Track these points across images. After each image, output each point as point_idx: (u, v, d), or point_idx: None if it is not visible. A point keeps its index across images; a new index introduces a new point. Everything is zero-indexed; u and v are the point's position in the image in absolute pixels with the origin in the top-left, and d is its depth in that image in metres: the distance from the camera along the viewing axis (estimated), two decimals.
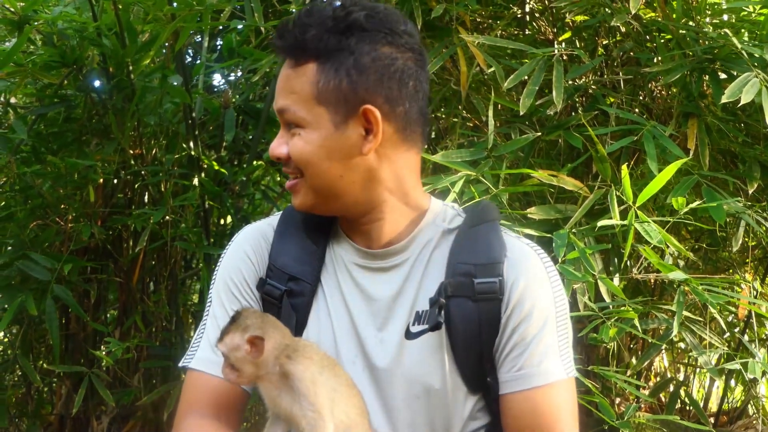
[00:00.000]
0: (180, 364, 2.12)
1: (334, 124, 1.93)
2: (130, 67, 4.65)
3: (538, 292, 2.02)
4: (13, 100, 5.44)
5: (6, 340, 5.82)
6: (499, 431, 2.05)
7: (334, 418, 1.82)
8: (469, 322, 1.96)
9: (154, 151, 5.28)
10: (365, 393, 1.99)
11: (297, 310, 2.04)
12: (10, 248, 4.82)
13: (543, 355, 1.98)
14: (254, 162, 5.33)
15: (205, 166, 5.00)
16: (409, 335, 1.99)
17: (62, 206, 5.03)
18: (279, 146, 1.98)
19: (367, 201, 2.01)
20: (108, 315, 5.55)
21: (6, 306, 4.40)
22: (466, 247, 2.02)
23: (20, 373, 5.31)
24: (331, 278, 2.08)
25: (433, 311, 1.94)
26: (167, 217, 4.78)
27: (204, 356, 2.06)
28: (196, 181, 4.85)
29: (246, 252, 2.14)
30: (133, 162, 5.06)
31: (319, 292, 2.07)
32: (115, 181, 5.22)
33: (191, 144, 4.93)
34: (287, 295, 2.04)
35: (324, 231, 2.13)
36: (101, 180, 5.04)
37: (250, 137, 5.40)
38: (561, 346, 2.02)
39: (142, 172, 5.07)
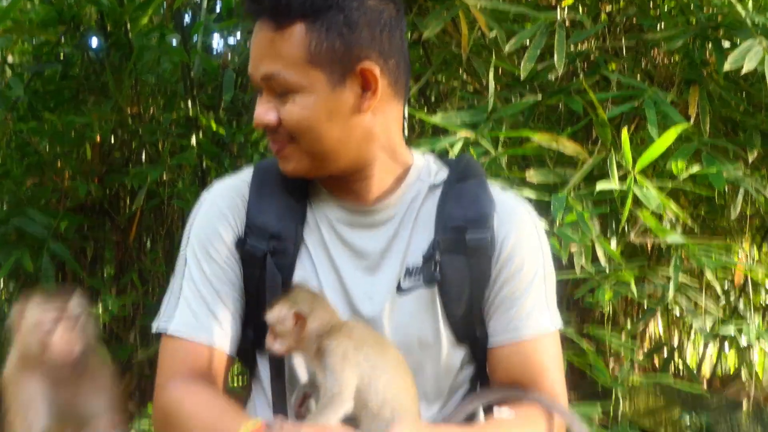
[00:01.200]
0: (155, 329, 1.99)
1: (330, 86, 1.84)
2: (128, 26, 4.62)
3: (528, 246, 2.01)
4: (9, 59, 5.41)
5: (2, 297, 5.82)
6: (484, 382, 2.07)
7: (367, 396, 1.81)
8: (461, 276, 1.95)
9: (151, 110, 5.27)
10: None
11: (282, 270, 1.96)
12: (6, 205, 4.81)
13: (532, 308, 1.99)
14: (252, 123, 5.31)
15: (203, 126, 4.98)
16: (400, 291, 1.96)
17: (59, 164, 5.03)
18: (266, 113, 1.86)
19: (361, 160, 1.96)
20: (105, 272, 5.56)
21: (2, 262, 4.39)
22: (456, 201, 2.00)
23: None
24: (315, 235, 2.01)
25: (428, 266, 1.93)
26: (164, 176, 4.78)
27: (184, 320, 1.96)
28: (193, 141, 4.84)
29: (221, 210, 2.03)
30: (130, 121, 5.05)
31: (302, 251, 2.00)
32: (113, 139, 5.22)
33: (189, 104, 4.91)
34: (270, 255, 1.96)
35: (303, 187, 2.05)
36: (98, 138, 5.03)
37: (249, 98, 5.38)
38: (549, 298, 2.03)
39: (140, 131, 5.05)
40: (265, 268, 1.96)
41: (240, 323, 2.02)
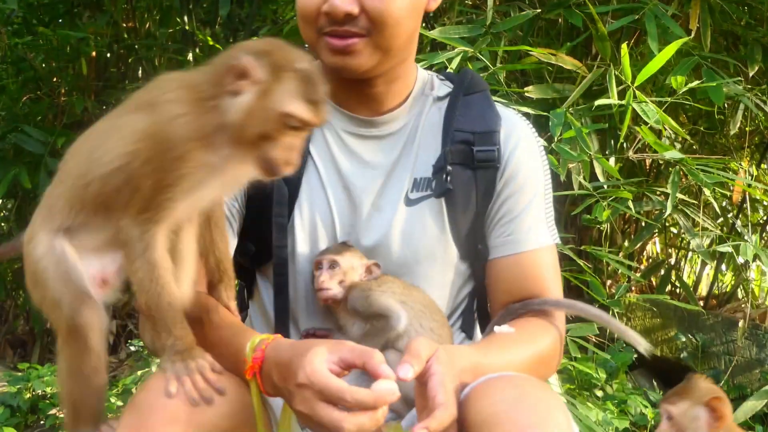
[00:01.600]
0: None
1: None
2: None
3: (531, 164, 2.03)
4: None
5: (1, 214, 5.82)
6: (482, 296, 2.10)
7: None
8: (467, 188, 1.97)
9: (147, 25, 5.21)
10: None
11: (287, 182, 1.95)
12: (2, 122, 4.78)
13: (532, 222, 2.01)
14: (250, 38, 5.26)
15: (200, 41, 4.93)
16: (408, 202, 1.98)
17: (54, 79, 4.98)
18: (350, 2, 1.83)
19: (404, 58, 1.99)
20: None
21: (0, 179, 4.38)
22: (462, 114, 2.01)
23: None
24: (321, 147, 2.01)
25: (438, 177, 1.95)
26: None
27: None
28: (190, 56, 4.79)
29: None
30: (126, 36, 4.99)
31: (309, 162, 1.99)
32: (108, 54, 5.16)
33: (185, 18, 4.85)
34: None
35: None
36: (94, 53, 4.98)
37: (246, 13, 5.31)
38: (547, 214, 2.06)
39: (136, 46, 5.00)
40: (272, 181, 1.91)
41: (235, 237, 2.01)
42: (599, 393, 3.90)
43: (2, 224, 5.39)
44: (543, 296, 2.00)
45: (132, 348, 4.60)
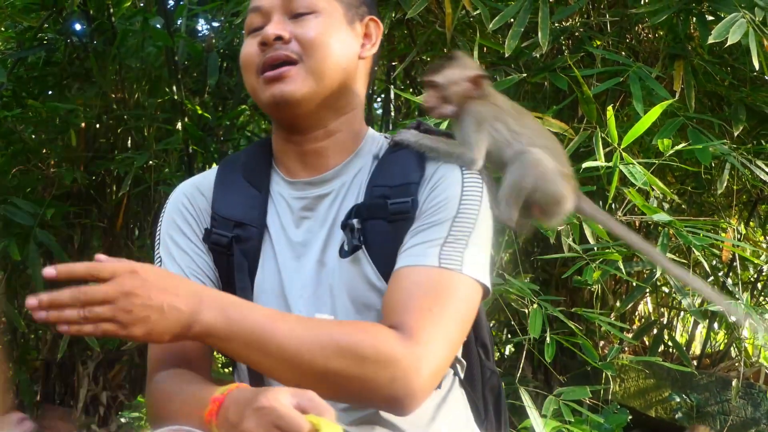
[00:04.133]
0: None
1: (345, 20, 2.04)
2: (111, 10, 4.59)
3: (445, 191, 1.98)
4: None
5: None
6: None
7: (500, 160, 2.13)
8: (386, 241, 1.95)
9: (136, 96, 5.24)
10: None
11: (247, 255, 2.02)
12: None
13: (418, 243, 1.91)
14: (238, 107, 5.29)
15: (189, 110, 4.96)
16: (342, 253, 1.97)
17: (44, 151, 5.00)
18: (281, 27, 1.97)
19: (341, 106, 2.05)
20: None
21: None
22: (385, 170, 2.03)
23: (5, 319, 5.30)
24: (275, 220, 2.06)
25: (347, 234, 1.95)
26: (150, 162, 4.76)
27: None
28: (179, 126, 4.81)
29: (184, 205, 2.10)
30: (115, 106, 5.02)
31: (266, 236, 2.05)
32: (98, 125, 5.19)
33: (174, 88, 4.89)
34: (235, 242, 2.02)
35: (265, 173, 2.12)
36: (83, 124, 5.00)
37: (234, 82, 5.35)
38: (449, 241, 1.91)
39: (125, 117, 5.03)
40: (232, 255, 2.01)
41: None
42: None
43: None
44: (393, 310, 1.85)
45: (123, 420, 4.55)
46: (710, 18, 3.80)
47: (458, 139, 2.11)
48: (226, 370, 5.15)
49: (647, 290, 4.98)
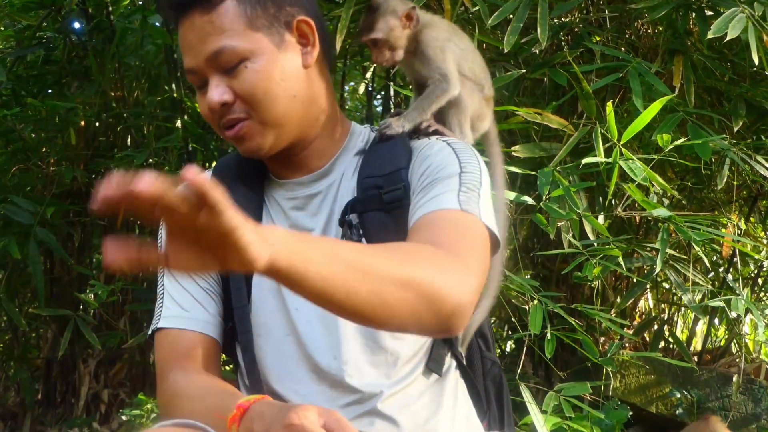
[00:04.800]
0: (150, 330, 2.08)
1: (275, 46, 1.93)
2: (110, 8, 4.59)
3: (433, 158, 1.98)
4: None
5: None
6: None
7: (459, 78, 2.22)
8: (386, 231, 1.95)
9: (135, 94, 5.25)
10: (310, 322, 1.98)
11: None
12: None
13: (441, 193, 1.89)
14: None
15: (188, 108, 4.96)
16: None
17: (44, 149, 5.01)
18: (221, 93, 1.90)
19: (309, 122, 2.02)
20: (93, 259, 5.54)
21: None
22: (374, 162, 2.03)
23: (6, 318, 5.31)
24: (269, 220, 2.08)
25: (346, 231, 1.96)
26: (150, 160, 4.76)
27: (170, 314, 2.03)
28: (179, 124, 4.81)
29: None
30: (114, 104, 5.02)
31: None
32: (97, 123, 5.19)
33: (173, 86, 4.89)
34: None
35: (259, 179, 2.12)
36: (83, 123, 5.01)
37: None
38: (462, 190, 1.90)
39: (124, 115, 5.03)
40: None
41: (222, 309, 2.07)
42: None
43: None
44: (449, 246, 1.76)
45: (124, 417, 4.55)
46: (709, 13, 3.80)
47: (427, 73, 2.20)
48: (227, 367, 5.15)
49: (647, 286, 4.99)
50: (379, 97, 5.88)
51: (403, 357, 1.99)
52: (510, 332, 4.88)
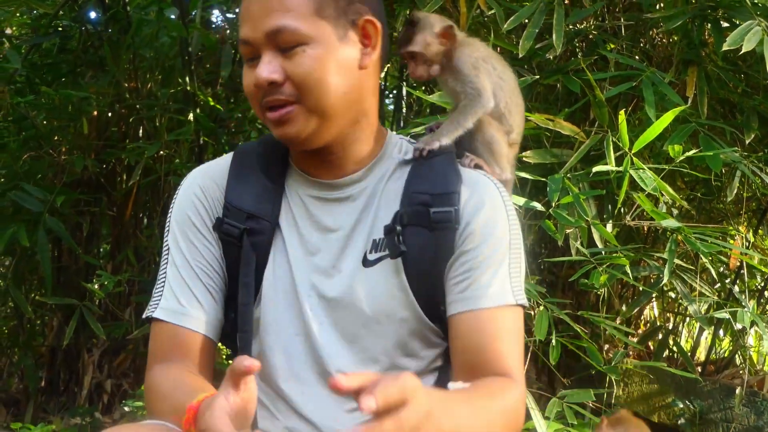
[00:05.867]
0: (144, 315, 2.05)
1: (337, 37, 1.90)
2: None
3: (493, 220, 2.00)
4: (8, 31, 5.39)
5: None
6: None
7: (498, 100, 2.26)
8: (425, 250, 1.95)
9: (149, 85, 5.26)
10: (323, 324, 1.99)
11: (257, 248, 2.01)
12: (2, 179, 4.80)
13: (492, 279, 1.96)
14: None
15: (201, 101, 4.97)
16: (366, 263, 1.98)
17: (56, 138, 5.02)
18: (271, 71, 1.87)
19: (350, 122, 2.00)
20: (101, 249, 5.55)
21: None
22: (423, 177, 2.01)
23: (12, 305, 5.32)
24: (288, 214, 2.05)
25: (390, 238, 1.95)
26: (161, 152, 4.77)
27: (168, 306, 2.01)
28: (191, 117, 4.82)
29: (196, 194, 2.07)
30: (127, 95, 5.03)
31: (277, 230, 2.04)
32: (110, 114, 5.21)
33: (187, 79, 4.89)
34: (247, 234, 2.00)
35: (280, 167, 2.10)
36: (95, 112, 5.02)
37: None
38: (512, 274, 2.00)
39: (137, 106, 5.04)
40: (242, 247, 2.00)
41: (222, 306, 2.06)
42: None
43: (0, 282, 5.38)
44: (498, 358, 1.93)
45: (126, 408, 4.57)
46: (725, 25, 3.79)
47: (461, 89, 2.24)
48: (230, 361, 5.15)
49: (653, 295, 4.98)
50: (391, 96, 5.88)
51: (413, 371, 1.97)
52: None
